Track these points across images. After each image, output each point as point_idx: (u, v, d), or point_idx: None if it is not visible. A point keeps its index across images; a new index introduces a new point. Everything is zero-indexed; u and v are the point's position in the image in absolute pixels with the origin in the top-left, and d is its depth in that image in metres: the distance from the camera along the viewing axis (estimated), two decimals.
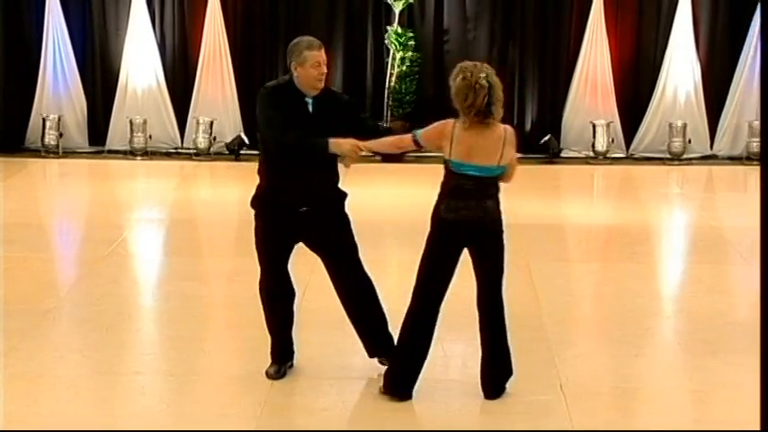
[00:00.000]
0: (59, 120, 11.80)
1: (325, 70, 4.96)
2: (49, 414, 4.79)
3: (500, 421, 4.79)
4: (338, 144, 4.85)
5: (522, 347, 5.75)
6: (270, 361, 5.23)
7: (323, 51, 4.95)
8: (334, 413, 4.86)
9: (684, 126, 11.79)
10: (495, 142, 4.74)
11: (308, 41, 4.97)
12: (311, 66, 4.90)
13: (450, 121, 4.77)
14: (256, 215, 5.10)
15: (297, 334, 6.09)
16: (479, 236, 4.78)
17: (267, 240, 5.05)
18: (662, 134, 11.91)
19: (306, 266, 7.24)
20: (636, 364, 5.58)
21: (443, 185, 4.80)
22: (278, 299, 5.18)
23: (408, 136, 4.88)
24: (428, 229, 4.84)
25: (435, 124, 4.81)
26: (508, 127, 4.85)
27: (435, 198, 4.83)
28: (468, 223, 4.75)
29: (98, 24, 12.04)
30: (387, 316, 5.23)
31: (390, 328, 5.23)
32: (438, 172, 4.86)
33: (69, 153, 11.89)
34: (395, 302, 5.24)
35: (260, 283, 5.19)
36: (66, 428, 4.62)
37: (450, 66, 11.93)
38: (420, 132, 4.82)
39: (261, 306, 5.25)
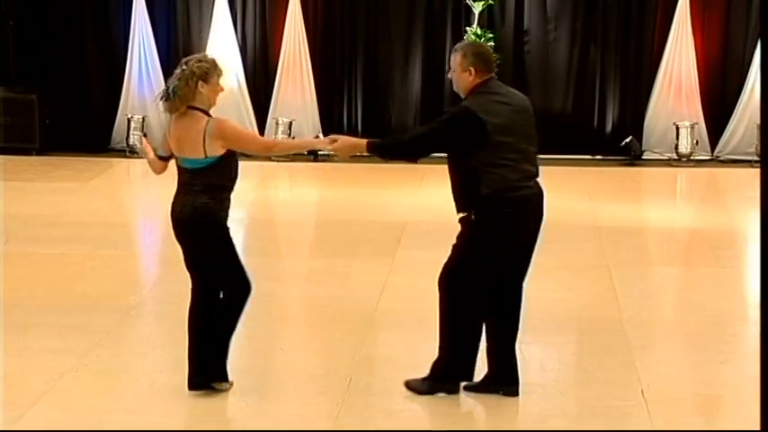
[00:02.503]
0: (143, 120, 12.04)
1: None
2: (132, 410, 4.87)
3: (580, 425, 4.72)
4: None
5: (602, 351, 5.67)
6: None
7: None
8: (412, 413, 4.85)
9: None
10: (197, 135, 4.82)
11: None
12: None
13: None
14: None
15: (375, 334, 6.10)
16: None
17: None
18: (750, 136, 11.60)
19: (383, 267, 7.26)
20: (720, 371, 5.45)
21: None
22: None
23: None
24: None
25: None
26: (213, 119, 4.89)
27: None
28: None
29: (182, 27, 12.24)
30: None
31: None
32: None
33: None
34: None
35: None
36: (146, 427, 4.70)
37: (531, 67, 12.10)
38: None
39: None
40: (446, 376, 4.94)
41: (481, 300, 4.86)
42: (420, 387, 4.95)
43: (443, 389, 4.94)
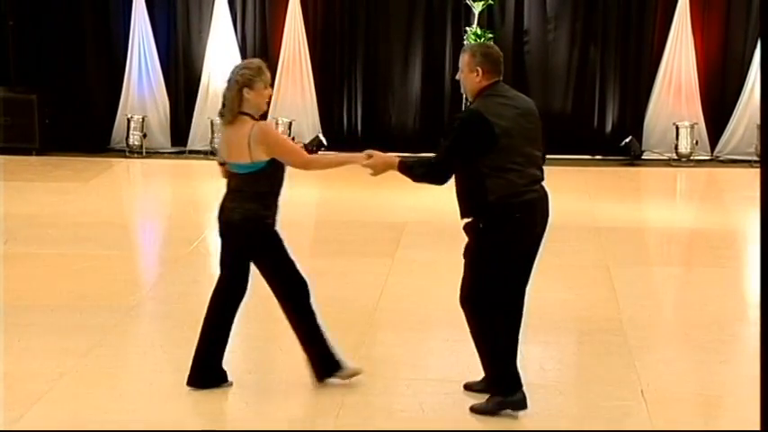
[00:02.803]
0: (143, 120, 12.03)
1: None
2: (132, 410, 4.88)
3: (580, 425, 4.72)
4: None
5: (602, 351, 5.68)
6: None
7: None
8: (412, 414, 4.85)
9: None
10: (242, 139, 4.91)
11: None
12: None
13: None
14: None
15: (375, 334, 6.10)
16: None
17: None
18: (749, 136, 11.61)
19: (383, 267, 7.26)
20: (720, 372, 5.45)
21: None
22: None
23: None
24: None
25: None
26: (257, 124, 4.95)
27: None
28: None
29: (182, 27, 12.23)
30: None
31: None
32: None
33: (152, 153, 12.11)
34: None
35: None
36: (148, 427, 4.70)
37: (531, 67, 12.10)
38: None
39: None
40: (505, 390, 4.84)
41: (501, 309, 4.82)
42: (486, 408, 4.86)
43: (508, 404, 4.83)
